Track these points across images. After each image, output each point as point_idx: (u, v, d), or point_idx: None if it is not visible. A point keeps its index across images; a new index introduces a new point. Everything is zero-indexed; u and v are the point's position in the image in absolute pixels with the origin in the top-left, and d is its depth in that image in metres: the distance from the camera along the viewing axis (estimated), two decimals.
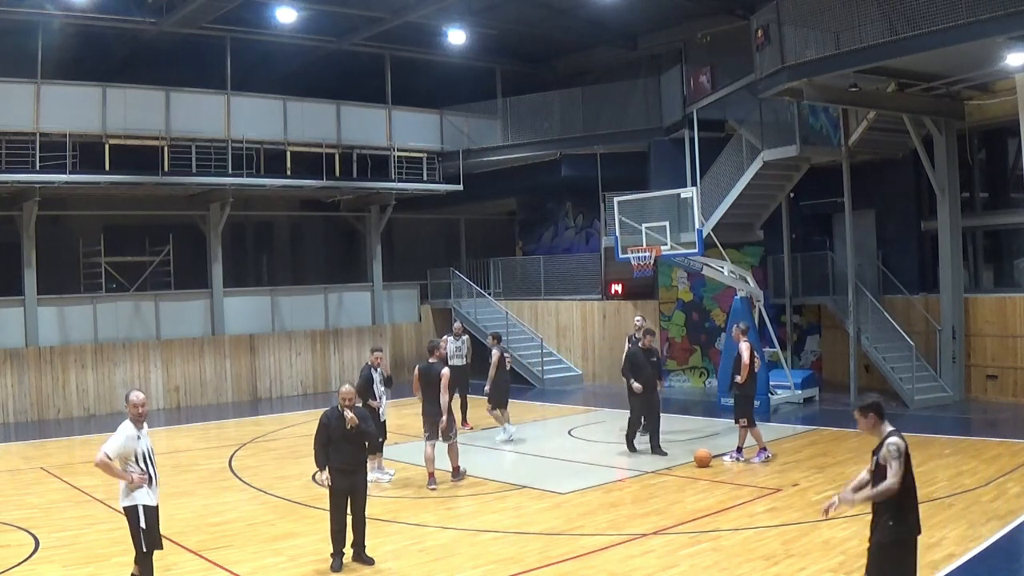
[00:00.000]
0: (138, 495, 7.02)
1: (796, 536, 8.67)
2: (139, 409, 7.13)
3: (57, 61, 18.70)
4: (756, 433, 12.53)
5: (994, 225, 18.12)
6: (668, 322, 21.15)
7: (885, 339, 17.71)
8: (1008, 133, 16.69)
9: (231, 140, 20.18)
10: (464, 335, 17.14)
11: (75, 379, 19.20)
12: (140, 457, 7.04)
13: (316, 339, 22.63)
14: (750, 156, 18.82)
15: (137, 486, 7.01)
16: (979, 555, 7.85)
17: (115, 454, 6.96)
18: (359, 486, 8.38)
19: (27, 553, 8.78)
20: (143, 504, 7.02)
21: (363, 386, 12.06)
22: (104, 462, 6.93)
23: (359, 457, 8.45)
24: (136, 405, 7.13)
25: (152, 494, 7.09)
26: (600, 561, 8.20)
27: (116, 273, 20.49)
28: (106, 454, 6.93)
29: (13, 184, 17.94)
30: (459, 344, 16.67)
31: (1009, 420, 15.18)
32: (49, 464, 13.41)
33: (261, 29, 20.50)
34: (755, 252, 20.68)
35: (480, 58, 23.93)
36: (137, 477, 7.00)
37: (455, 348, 16.54)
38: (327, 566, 8.21)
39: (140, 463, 7.03)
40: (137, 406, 7.13)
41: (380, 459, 12.07)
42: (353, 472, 8.32)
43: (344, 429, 8.30)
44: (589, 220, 24.36)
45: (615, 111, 22.58)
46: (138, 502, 7.02)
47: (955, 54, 13.55)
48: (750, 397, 12.61)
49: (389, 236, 25.68)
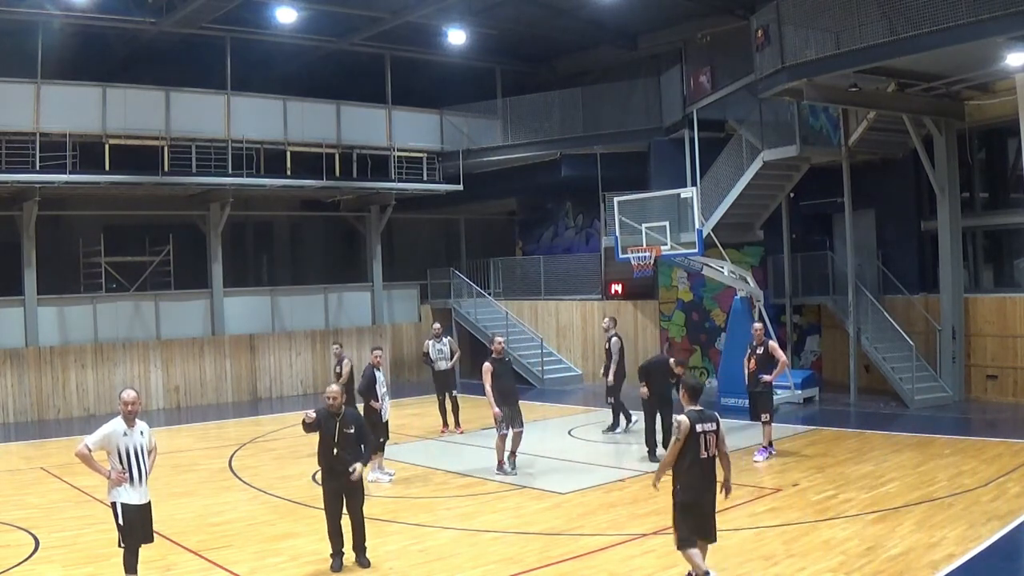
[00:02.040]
0: (119, 492, 7.13)
1: (796, 536, 8.67)
2: (129, 407, 7.22)
3: (57, 61, 18.69)
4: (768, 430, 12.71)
5: (994, 225, 18.11)
6: (668, 322, 21.15)
7: (885, 339, 17.70)
8: (1008, 133, 16.67)
9: (231, 140, 20.19)
10: (445, 336, 16.54)
11: (75, 379, 19.20)
12: (124, 454, 7.10)
13: (316, 339, 22.62)
14: (750, 156, 18.82)
15: (116, 483, 7.10)
16: (979, 555, 7.85)
17: (95, 446, 7.11)
18: (354, 487, 8.29)
19: (27, 553, 8.78)
20: (122, 502, 7.12)
21: (366, 386, 12.06)
22: (83, 453, 7.08)
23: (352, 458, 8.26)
24: (126, 403, 7.23)
25: (135, 492, 7.15)
26: (600, 561, 8.20)
27: (116, 273, 20.49)
28: (86, 445, 7.10)
29: (13, 184, 17.94)
30: (440, 347, 15.99)
31: (1009, 420, 15.17)
32: (49, 464, 13.40)
33: (261, 29, 20.50)
34: (755, 252, 20.67)
35: (480, 58, 23.93)
36: (115, 474, 7.08)
37: (436, 351, 15.94)
38: (327, 566, 8.21)
39: (123, 460, 7.10)
40: (127, 404, 7.22)
41: (381, 459, 12.06)
42: (343, 473, 8.20)
43: (335, 429, 8.25)
44: (589, 220, 24.37)
45: (615, 111, 22.59)
46: (118, 499, 7.14)
47: (955, 54, 13.55)
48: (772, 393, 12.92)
49: (389, 236, 25.69)
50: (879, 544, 8.23)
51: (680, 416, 7.12)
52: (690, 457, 7.00)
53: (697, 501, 7.04)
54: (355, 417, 8.53)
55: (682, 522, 7.08)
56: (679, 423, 7.04)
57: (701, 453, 7.04)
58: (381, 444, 12.01)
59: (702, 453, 7.05)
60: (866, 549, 8.11)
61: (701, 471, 7.04)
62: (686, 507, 7.06)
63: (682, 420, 7.06)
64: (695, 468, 7.01)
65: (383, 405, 12.09)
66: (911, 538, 8.37)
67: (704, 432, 7.07)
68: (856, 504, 9.76)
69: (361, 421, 8.67)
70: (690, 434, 6.99)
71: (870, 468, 11.57)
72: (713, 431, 7.12)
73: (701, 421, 7.09)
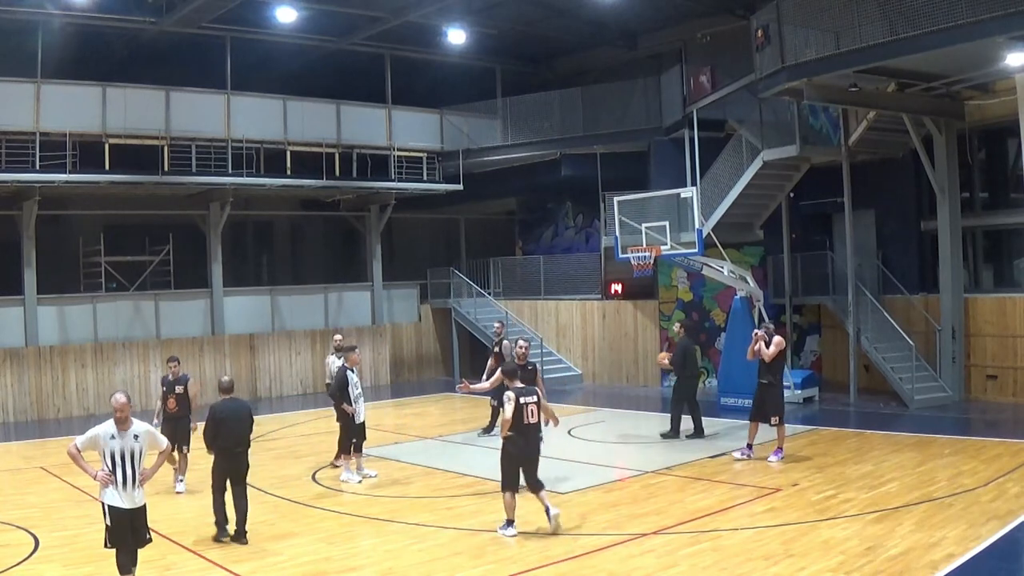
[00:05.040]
0: (106, 494, 7.16)
1: (796, 536, 8.67)
2: (117, 412, 7.25)
3: (57, 61, 18.69)
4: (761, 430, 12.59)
5: (994, 225, 18.11)
6: (668, 322, 21.12)
7: (885, 339, 17.70)
8: (1008, 133, 16.67)
9: (231, 140, 20.18)
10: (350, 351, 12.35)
11: (75, 378, 19.21)
12: (111, 457, 7.11)
13: (316, 339, 22.62)
14: (750, 156, 18.81)
15: (103, 484, 7.15)
16: (979, 555, 7.85)
17: (82, 446, 7.23)
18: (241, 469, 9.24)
19: (27, 553, 8.78)
20: (109, 504, 7.15)
21: (337, 388, 11.74)
22: (71, 452, 7.24)
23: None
24: (116, 409, 7.26)
25: (122, 496, 7.14)
26: (600, 561, 8.20)
27: (116, 273, 20.49)
28: (75, 445, 7.22)
29: (13, 184, 17.94)
30: (342, 363, 12.15)
31: (1009, 420, 15.18)
32: (49, 464, 13.40)
33: (261, 29, 20.51)
34: (755, 252, 20.66)
35: (480, 58, 23.94)
36: (102, 476, 7.11)
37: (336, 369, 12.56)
38: (327, 566, 8.23)
39: (110, 462, 7.11)
40: (117, 409, 7.25)
41: (359, 460, 11.98)
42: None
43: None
44: (589, 220, 24.35)
45: (615, 111, 22.59)
46: (106, 500, 7.18)
47: (955, 54, 13.54)
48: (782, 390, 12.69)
49: (389, 236, 25.68)
50: (879, 544, 8.23)
51: (508, 392, 9.08)
52: (517, 422, 8.98)
53: (520, 455, 9.08)
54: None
55: (508, 469, 9.11)
56: (509, 398, 9.01)
57: (525, 420, 9.00)
58: (357, 445, 11.90)
59: (526, 420, 9.01)
60: (866, 549, 8.11)
61: (526, 433, 9.06)
62: (512, 458, 9.10)
63: (510, 395, 9.03)
64: (520, 431, 9.01)
65: (358, 407, 11.73)
66: (911, 538, 8.37)
67: (526, 404, 9.04)
68: (856, 504, 9.76)
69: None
70: (516, 405, 8.96)
71: (870, 468, 11.57)
72: (534, 403, 9.13)
73: (524, 395, 9.08)
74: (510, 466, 9.09)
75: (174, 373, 11.70)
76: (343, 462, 11.97)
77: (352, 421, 11.72)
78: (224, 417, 9.17)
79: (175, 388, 11.50)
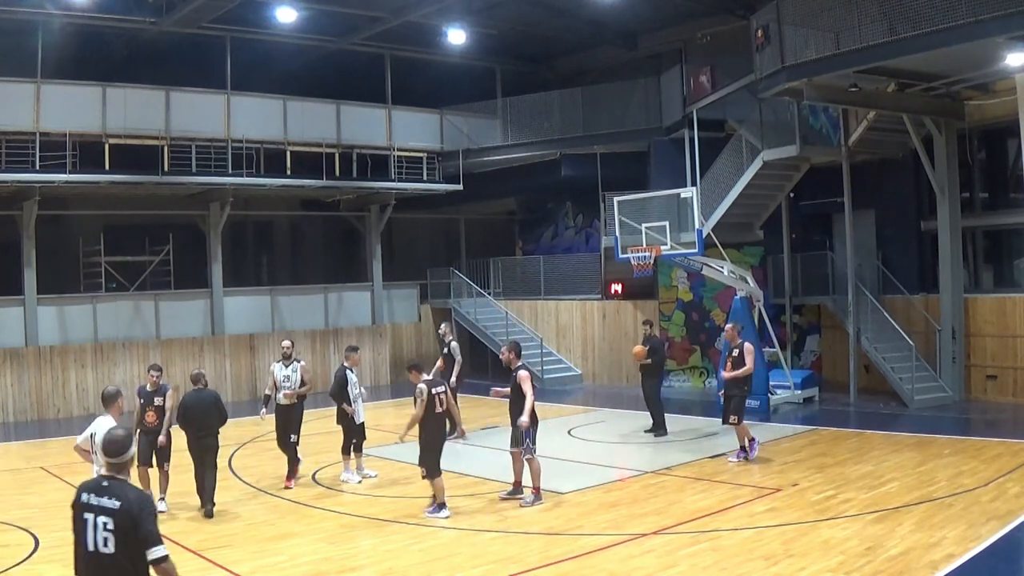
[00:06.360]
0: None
1: (796, 536, 8.67)
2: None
3: (57, 61, 18.69)
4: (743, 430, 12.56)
5: (994, 225, 18.12)
6: (668, 322, 21.14)
7: (885, 339, 17.70)
8: (1008, 133, 16.66)
9: (231, 140, 20.19)
10: (297, 361, 11.87)
11: (75, 379, 19.20)
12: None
13: (316, 339, 22.62)
14: (750, 156, 18.81)
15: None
16: (979, 555, 7.85)
17: (82, 443, 7.59)
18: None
19: (27, 553, 8.78)
20: None
21: (337, 389, 11.73)
22: (77, 446, 7.71)
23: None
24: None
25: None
26: (600, 561, 8.20)
27: (116, 273, 20.50)
28: (79, 444, 7.64)
29: (13, 184, 17.94)
30: (289, 372, 11.76)
31: (1009, 420, 15.18)
32: (49, 464, 13.40)
33: (261, 29, 20.51)
34: (755, 252, 20.66)
35: (480, 58, 23.94)
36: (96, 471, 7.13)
37: (283, 378, 11.75)
38: (327, 566, 8.23)
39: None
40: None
41: (359, 460, 11.98)
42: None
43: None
44: (589, 220, 24.35)
45: (615, 111, 22.58)
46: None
47: (955, 54, 13.54)
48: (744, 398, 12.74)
49: (389, 236, 25.69)
50: (879, 544, 8.23)
51: (421, 384, 9.74)
52: (430, 412, 9.70)
53: (436, 444, 9.84)
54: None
55: (428, 459, 9.78)
56: (421, 390, 9.67)
57: (436, 409, 9.76)
58: (357, 445, 11.91)
59: (437, 409, 9.76)
60: (866, 549, 8.11)
61: (437, 422, 9.85)
62: (430, 447, 9.79)
63: (423, 387, 9.68)
64: (432, 419, 9.77)
65: (357, 408, 11.76)
66: (911, 538, 8.37)
67: (437, 394, 9.74)
68: (856, 504, 9.76)
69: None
70: (429, 396, 9.64)
71: (870, 468, 11.57)
72: (444, 392, 9.85)
73: (435, 386, 9.77)
74: (430, 456, 9.85)
75: (153, 383, 10.46)
76: (348, 461, 11.95)
77: (352, 421, 11.75)
78: (190, 405, 10.31)
79: (154, 400, 10.34)
